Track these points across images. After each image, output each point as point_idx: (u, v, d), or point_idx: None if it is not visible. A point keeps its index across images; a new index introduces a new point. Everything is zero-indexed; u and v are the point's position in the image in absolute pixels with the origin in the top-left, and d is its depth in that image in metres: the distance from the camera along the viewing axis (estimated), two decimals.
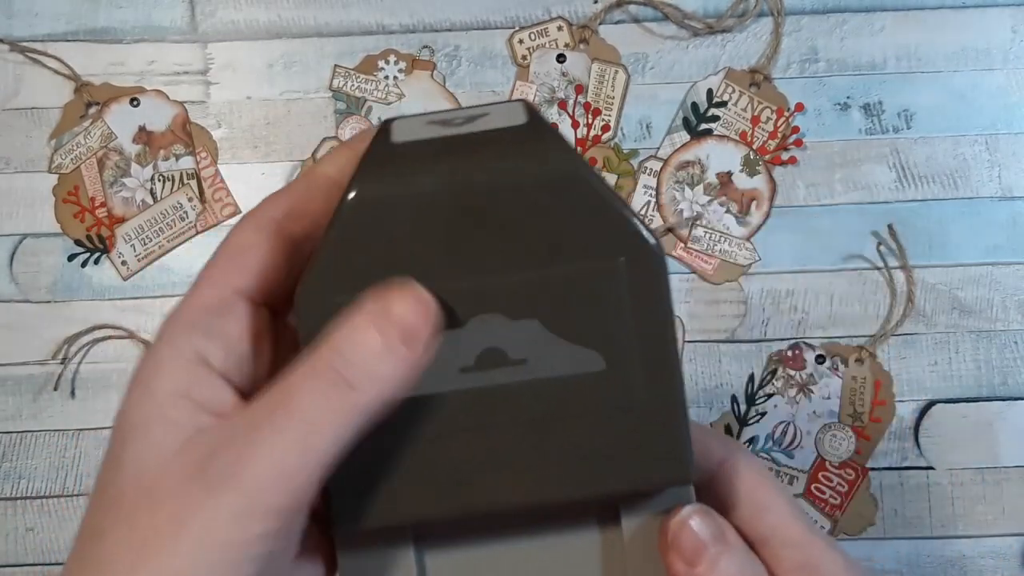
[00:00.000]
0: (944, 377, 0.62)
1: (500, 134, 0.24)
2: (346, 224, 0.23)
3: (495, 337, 0.23)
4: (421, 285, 0.23)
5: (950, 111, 0.63)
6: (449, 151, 0.24)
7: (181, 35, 0.64)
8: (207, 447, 0.22)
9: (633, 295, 0.23)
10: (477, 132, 0.24)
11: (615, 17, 0.64)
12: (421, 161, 0.23)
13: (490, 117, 0.25)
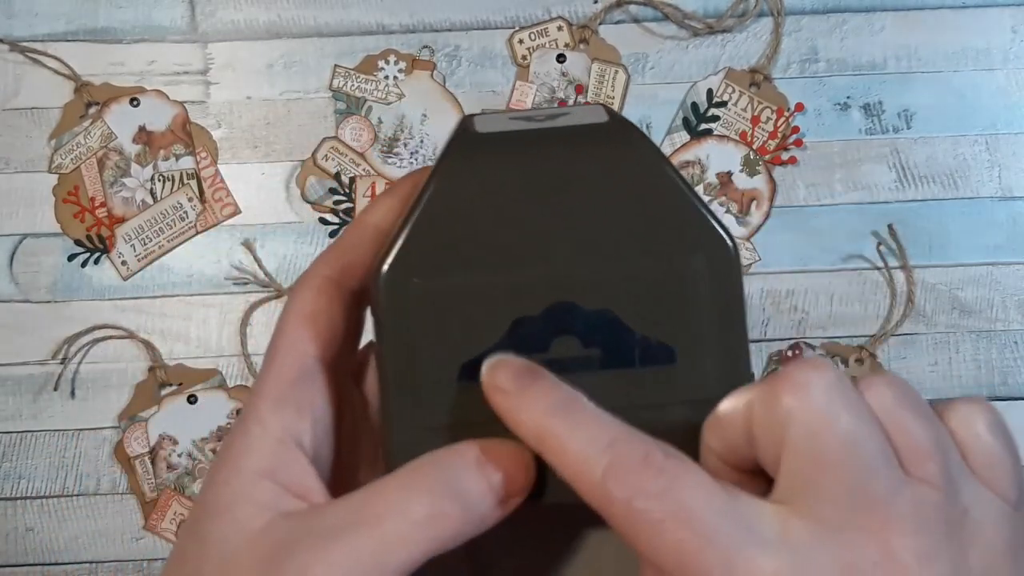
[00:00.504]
0: (944, 377, 0.62)
1: (585, 129, 0.24)
2: (430, 205, 0.23)
3: (569, 325, 0.23)
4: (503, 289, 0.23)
5: (950, 111, 0.63)
6: (535, 141, 0.24)
7: (181, 35, 0.64)
8: (286, 537, 0.22)
9: (709, 291, 0.24)
10: (561, 127, 0.24)
11: (615, 17, 0.64)
12: (505, 150, 0.24)
13: (571, 116, 0.25)
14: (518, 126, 0.25)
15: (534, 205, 0.23)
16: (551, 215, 0.23)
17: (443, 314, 0.23)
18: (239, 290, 0.63)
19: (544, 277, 0.23)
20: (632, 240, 0.24)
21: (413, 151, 0.63)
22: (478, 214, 0.23)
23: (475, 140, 0.24)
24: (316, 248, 0.63)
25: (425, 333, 0.23)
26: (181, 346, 0.63)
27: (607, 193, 0.23)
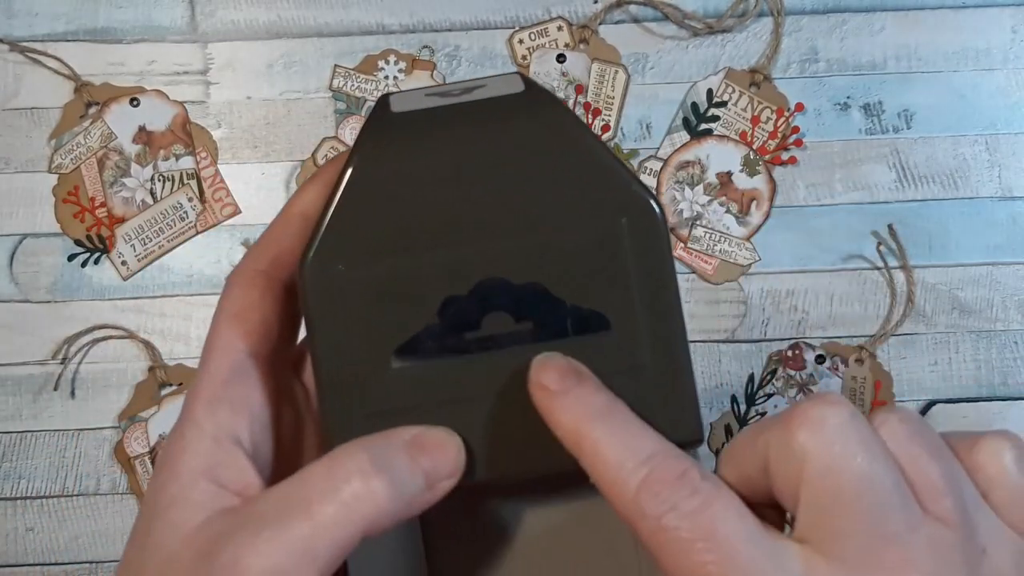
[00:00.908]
0: (944, 377, 0.62)
1: (499, 101, 0.24)
2: (349, 193, 0.23)
3: (499, 300, 0.23)
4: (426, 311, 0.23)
5: (950, 111, 0.63)
6: (449, 119, 0.24)
7: (181, 35, 0.64)
8: (220, 532, 0.22)
9: (635, 255, 0.23)
10: (476, 100, 0.24)
11: (615, 17, 0.64)
12: (421, 128, 0.23)
13: (487, 88, 0.25)
14: (433, 103, 0.24)
15: (454, 184, 0.23)
16: (472, 192, 0.23)
17: (371, 300, 0.23)
18: None
19: (470, 255, 0.23)
20: (556, 210, 0.23)
21: None
22: (398, 196, 0.23)
23: (390, 120, 0.24)
24: None
25: (353, 320, 0.23)
26: (181, 346, 0.63)
27: (527, 166, 0.23)
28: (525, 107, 0.24)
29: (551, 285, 0.23)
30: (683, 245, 0.63)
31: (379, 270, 0.23)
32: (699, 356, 0.62)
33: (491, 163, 0.23)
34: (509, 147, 0.23)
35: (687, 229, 0.63)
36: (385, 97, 0.25)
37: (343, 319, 0.23)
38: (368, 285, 0.23)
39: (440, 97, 0.24)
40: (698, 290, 0.62)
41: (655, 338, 0.24)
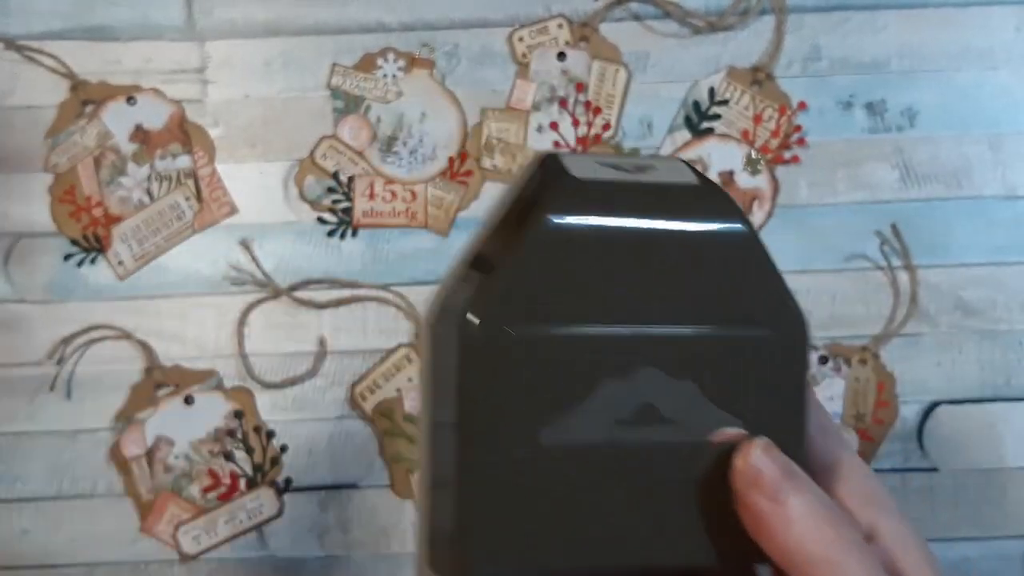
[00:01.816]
0: (948, 378, 0.61)
1: (676, 191, 0.24)
2: (527, 251, 0.23)
3: (654, 393, 0.23)
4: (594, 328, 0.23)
5: (954, 110, 0.62)
6: (630, 198, 0.24)
7: (178, 33, 0.63)
8: None
9: (779, 368, 0.24)
10: (654, 184, 0.24)
11: (616, 15, 0.63)
12: (604, 201, 0.23)
13: (658, 171, 0.25)
14: (610, 175, 0.24)
15: (627, 263, 0.23)
16: (643, 275, 0.23)
17: (529, 367, 0.23)
18: (236, 290, 0.62)
19: (633, 339, 0.23)
20: (717, 309, 0.24)
21: (412, 150, 0.63)
22: (574, 264, 0.23)
23: (573, 185, 0.23)
24: (314, 248, 0.62)
25: (508, 386, 0.23)
26: (178, 347, 0.62)
27: (698, 259, 0.24)
28: (702, 202, 0.24)
29: (702, 385, 0.24)
30: None
31: (544, 337, 0.23)
32: None
33: (666, 250, 0.23)
34: (683, 238, 0.24)
35: None
36: (556, 158, 0.25)
37: (498, 383, 0.23)
38: (530, 351, 0.23)
39: (614, 170, 0.24)
40: None
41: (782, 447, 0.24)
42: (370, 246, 0.63)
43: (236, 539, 0.62)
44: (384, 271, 0.62)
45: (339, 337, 0.62)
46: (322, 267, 0.63)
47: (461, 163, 0.63)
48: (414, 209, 0.63)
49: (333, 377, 0.62)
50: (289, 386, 0.62)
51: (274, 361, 0.62)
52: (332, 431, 0.62)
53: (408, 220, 0.63)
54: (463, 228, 0.63)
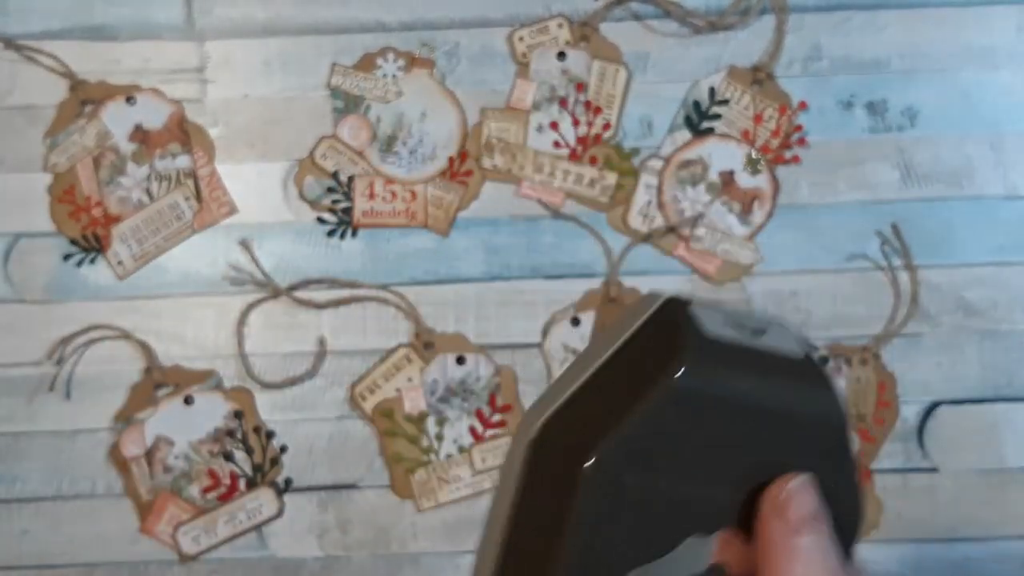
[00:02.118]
0: (949, 378, 0.61)
1: (787, 363, 0.25)
2: (658, 403, 0.24)
3: (729, 553, 0.25)
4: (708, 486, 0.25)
5: (955, 109, 0.62)
6: (751, 365, 0.25)
7: (177, 32, 0.63)
8: None
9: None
10: (770, 353, 0.25)
11: (616, 14, 0.63)
12: (730, 365, 0.25)
13: (772, 336, 0.26)
14: (735, 337, 0.25)
15: (734, 429, 0.24)
16: (744, 441, 0.24)
17: (630, 514, 0.24)
18: (236, 290, 0.62)
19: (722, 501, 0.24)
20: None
21: (412, 149, 0.63)
22: (688, 423, 0.24)
23: (706, 344, 0.25)
24: (314, 248, 0.62)
25: (604, 528, 0.24)
26: (177, 347, 0.62)
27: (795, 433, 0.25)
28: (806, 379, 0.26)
29: None
30: (685, 245, 0.62)
31: (651, 488, 0.24)
32: None
33: (768, 422, 0.25)
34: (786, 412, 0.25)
35: (689, 229, 0.62)
36: (688, 309, 0.26)
37: (599, 525, 0.24)
38: (636, 500, 0.24)
39: (738, 330, 0.26)
40: (700, 290, 0.62)
41: None
42: (370, 246, 0.62)
43: (236, 539, 0.62)
44: (384, 271, 0.62)
45: (339, 337, 0.62)
46: (322, 267, 0.62)
47: (461, 163, 0.63)
48: (414, 209, 0.63)
49: (333, 377, 0.62)
50: (289, 386, 0.62)
51: (274, 361, 0.62)
52: (332, 431, 0.62)
53: (408, 220, 0.63)
54: (463, 228, 0.62)
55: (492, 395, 0.62)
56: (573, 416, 0.25)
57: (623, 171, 0.63)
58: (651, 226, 0.62)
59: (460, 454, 0.62)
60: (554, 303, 0.62)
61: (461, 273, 0.62)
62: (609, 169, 0.63)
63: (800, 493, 0.25)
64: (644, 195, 0.63)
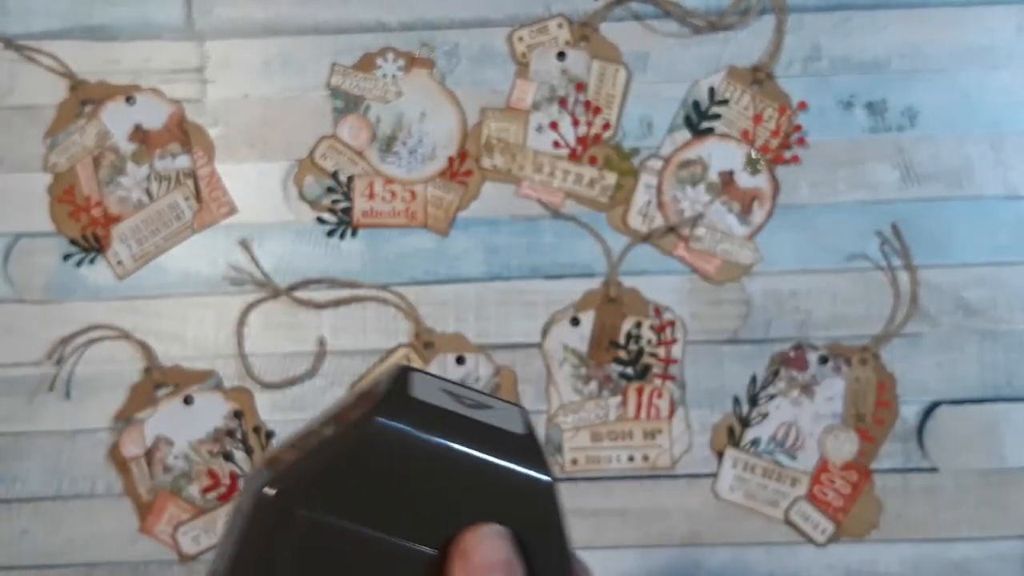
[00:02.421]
0: (948, 378, 0.61)
1: (499, 433, 0.26)
2: (346, 448, 0.24)
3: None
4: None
5: (955, 109, 0.62)
6: (454, 431, 0.25)
7: (177, 32, 0.63)
8: None
9: None
10: (481, 423, 0.26)
11: (616, 14, 0.63)
12: (431, 426, 0.25)
13: (496, 412, 0.27)
14: (447, 404, 0.26)
15: (430, 488, 0.25)
16: (441, 500, 0.25)
17: (302, 550, 0.24)
18: (236, 290, 0.62)
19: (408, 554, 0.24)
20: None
21: (412, 149, 0.63)
22: (382, 477, 0.24)
23: (410, 404, 0.25)
24: (314, 248, 0.62)
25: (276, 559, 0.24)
26: (177, 347, 0.62)
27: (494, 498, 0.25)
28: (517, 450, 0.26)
29: None
30: (685, 245, 0.62)
31: (327, 527, 0.24)
32: (701, 357, 0.62)
33: (466, 488, 0.25)
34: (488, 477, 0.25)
35: (689, 229, 0.62)
36: (407, 373, 0.27)
37: (270, 554, 0.24)
38: (309, 536, 0.24)
39: (454, 400, 0.26)
40: (700, 290, 0.62)
41: None
42: (369, 246, 0.63)
43: None
44: (383, 271, 0.62)
45: (338, 337, 0.62)
46: (321, 267, 0.62)
47: (461, 163, 0.63)
48: (413, 209, 0.63)
49: (332, 377, 0.62)
50: (288, 386, 0.62)
51: (273, 361, 0.62)
52: None
53: (408, 220, 0.63)
54: (462, 228, 0.62)
55: None
56: (285, 457, 0.25)
57: (623, 171, 0.63)
58: (651, 226, 0.62)
59: None
60: (554, 303, 0.62)
61: (461, 273, 0.62)
62: (609, 169, 0.63)
63: (489, 539, 0.24)
64: (644, 195, 0.63)
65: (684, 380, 0.62)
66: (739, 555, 0.61)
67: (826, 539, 0.61)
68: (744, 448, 0.61)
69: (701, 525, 0.61)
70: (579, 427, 0.62)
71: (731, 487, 0.61)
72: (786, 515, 0.61)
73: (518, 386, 0.62)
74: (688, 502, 0.61)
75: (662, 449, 0.62)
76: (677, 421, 0.62)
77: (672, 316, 0.62)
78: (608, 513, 0.61)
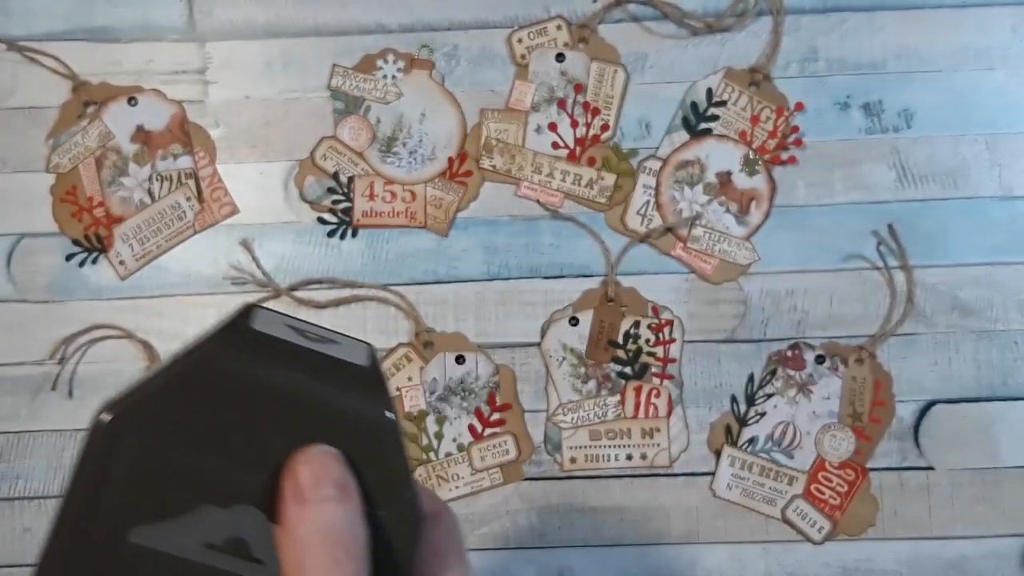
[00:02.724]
0: (944, 377, 0.62)
1: (342, 366, 0.26)
2: (181, 379, 0.24)
3: (250, 531, 0.25)
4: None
5: (950, 110, 0.63)
6: (294, 361, 0.25)
7: (179, 34, 0.64)
8: None
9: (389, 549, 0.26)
10: (324, 355, 0.26)
11: (614, 16, 0.64)
12: (269, 357, 0.25)
13: (341, 347, 0.27)
14: (288, 337, 0.26)
15: (265, 416, 0.25)
16: (280, 429, 0.25)
17: (139, 476, 0.24)
18: (237, 290, 0.63)
19: (244, 477, 0.25)
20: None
21: (412, 150, 0.63)
22: (217, 401, 0.24)
23: (248, 335, 0.26)
24: (314, 248, 0.63)
25: (116, 485, 0.24)
26: (179, 346, 0.62)
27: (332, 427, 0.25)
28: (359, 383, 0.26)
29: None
30: (682, 245, 0.63)
31: (161, 449, 0.24)
32: (698, 356, 0.62)
33: (307, 413, 0.25)
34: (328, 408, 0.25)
35: (686, 229, 0.63)
36: (251, 308, 0.27)
37: (107, 476, 0.24)
38: (145, 457, 0.24)
39: (298, 334, 0.26)
40: (697, 290, 0.62)
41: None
42: (370, 246, 0.63)
43: None
44: (384, 271, 0.63)
45: None
46: (322, 267, 0.63)
47: (460, 163, 0.63)
48: (413, 209, 0.63)
49: None
50: None
51: None
52: None
53: (408, 220, 0.63)
54: (462, 228, 0.63)
55: (491, 394, 0.62)
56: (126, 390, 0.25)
57: (621, 172, 0.63)
58: (649, 226, 0.63)
59: (459, 452, 0.62)
60: (553, 303, 0.62)
61: (461, 273, 0.63)
62: (607, 170, 0.63)
63: (318, 457, 0.24)
64: (642, 195, 0.63)
65: (682, 379, 0.62)
66: (736, 553, 0.62)
67: (823, 537, 0.61)
68: (741, 447, 0.62)
69: (699, 523, 0.62)
70: (578, 426, 0.62)
71: (728, 485, 0.62)
72: (783, 513, 0.62)
73: (517, 385, 0.62)
74: (686, 500, 0.62)
75: (660, 448, 0.62)
76: (675, 420, 0.62)
77: (670, 316, 0.62)
78: (606, 511, 0.62)
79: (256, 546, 0.25)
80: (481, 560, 0.62)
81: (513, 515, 0.62)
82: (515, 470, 0.62)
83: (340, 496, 0.24)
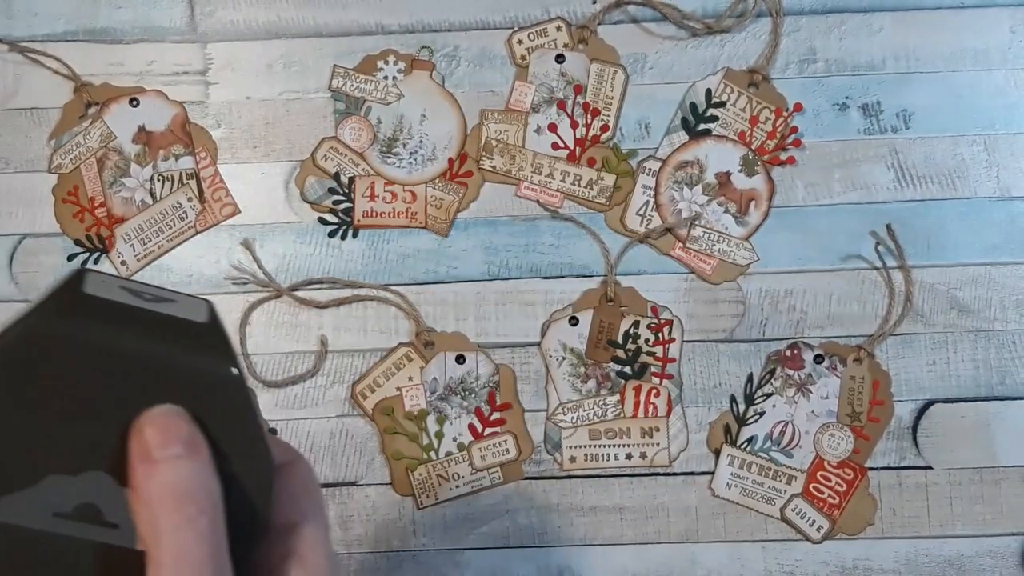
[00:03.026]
0: (942, 377, 0.62)
1: (182, 324, 0.26)
2: (15, 341, 0.24)
3: (101, 496, 0.24)
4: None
5: (948, 111, 0.63)
6: (128, 322, 0.25)
7: (180, 35, 0.64)
8: None
9: (243, 503, 0.25)
10: (161, 314, 0.26)
11: (614, 17, 0.64)
12: (101, 321, 0.25)
13: (178, 306, 0.26)
14: (125, 299, 0.25)
15: (104, 381, 0.24)
16: (120, 390, 0.24)
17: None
18: (238, 290, 0.63)
19: (89, 443, 0.24)
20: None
21: (412, 151, 0.63)
22: (52, 368, 0.24)
23: (78, 299, 0.25)
24: (315, 248, 0.63)
25: None
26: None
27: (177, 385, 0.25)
28: (201, 340, 0.26)
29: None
30: (682, 245, 0.63)
31: (0, 428, 0.24)
32: (697, 356, 0.62)
33: (148, 373, 0.24)
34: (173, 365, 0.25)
35: (686, 229, 0.63)
36: (83, 273, 0.26)
37: None
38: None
39: (133, 295, 0.26)
40: (696, 290, 0.63)
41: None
42: (370, 246, 0.63)
43: None
44: (384, 271, 0.63)
45: (340, 336, 0.63)
46: (323, 267, 0.63)
47: (461, 164, 0.63)
48: (414, 210, 0.63)
49: (334, 376, 0.63)
50: (291, 385, 0.63)
51: (276, 360, 0.63)
52: (333, 429, 0.63)
53: (408, 221, 0.63)
54: (462, 228, 0.63)
55: (491, 393, 0.62)
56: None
57: (621, 172, 0.63)
58: (648, 226, 0.63)
59: (460, 452, 0.62)
60: (552, 303, 0.63)
61: (461, 273, 0.63)
62: (607, 170, 0.63)
63: (161, 416, 0.24)
64: (641, 196, 0.63)
65: (681, 379, 0.62)
66: (735, 552, 0.62)
67: (821, 536, 0.62)
68: (740, 446, 0.62)
69: (698, 522, 0.62)
70: (577, 425, 0.62)
71: (727, 485, 0.62)
72: (782, 512, 0.62)
73: (517, 384, 0.62)
74: (685, 499, 0.62)
75: (659, 447, 0.62)
76: (674, 419, 0.62)
77: (669, 315, 0.62)
78: (606, 510, 0.62)
79: (109, 510, 0.24)
80: (481, 559, 0.62)
81: (513, 514, 0.62)
82: (515, 469, 0.62)
83: (188, 453, 0.23)
